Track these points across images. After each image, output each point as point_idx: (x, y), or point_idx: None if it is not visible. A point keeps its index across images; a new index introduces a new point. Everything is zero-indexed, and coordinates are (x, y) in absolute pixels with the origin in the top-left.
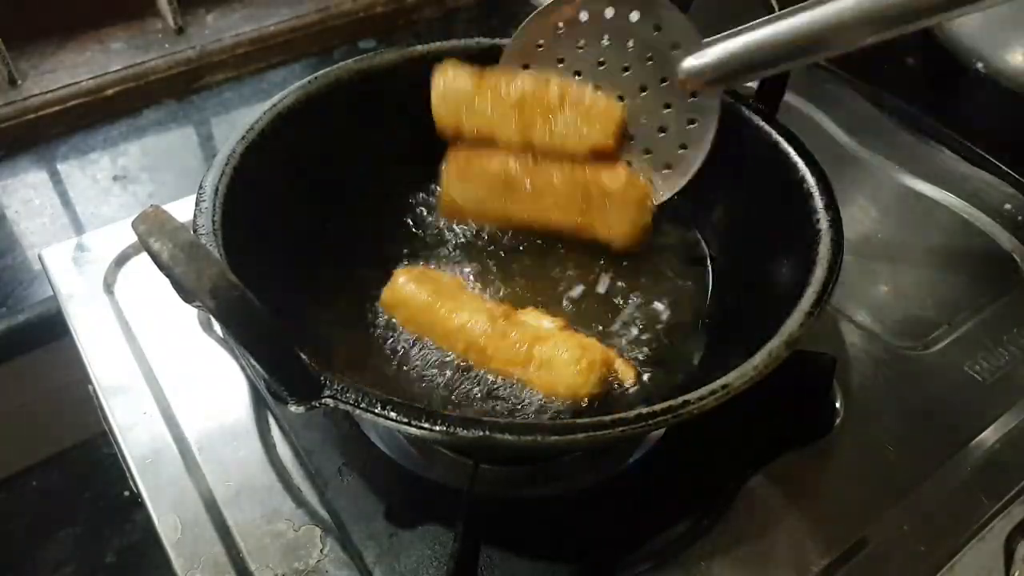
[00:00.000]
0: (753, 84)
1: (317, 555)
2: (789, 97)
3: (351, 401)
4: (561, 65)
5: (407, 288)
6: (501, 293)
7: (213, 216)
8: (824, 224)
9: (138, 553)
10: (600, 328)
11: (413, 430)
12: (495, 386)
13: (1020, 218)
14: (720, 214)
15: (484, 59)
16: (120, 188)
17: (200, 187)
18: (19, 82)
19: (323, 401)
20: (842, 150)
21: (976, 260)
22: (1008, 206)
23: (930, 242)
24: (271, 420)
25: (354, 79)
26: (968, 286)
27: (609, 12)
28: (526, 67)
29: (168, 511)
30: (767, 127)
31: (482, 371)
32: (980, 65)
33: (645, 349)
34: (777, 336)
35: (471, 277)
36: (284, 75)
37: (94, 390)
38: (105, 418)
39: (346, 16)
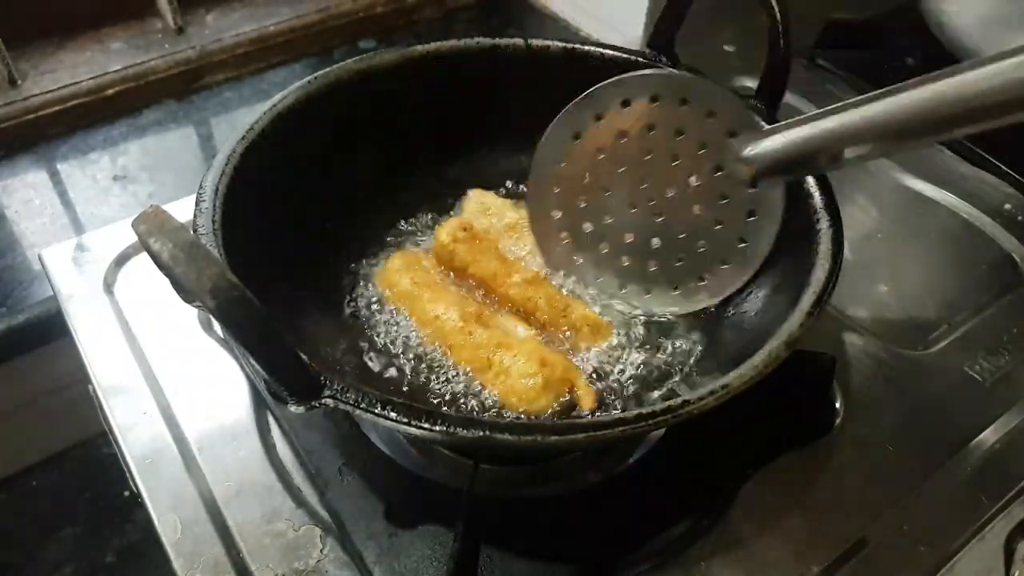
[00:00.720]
0: (753, 84)
1: (317, 555)
2: (789, 97)
3: (351, 401)
4: (602, 157)
5: (396, 273)
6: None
7: (213, 216)
8: (824, 224)
9: (138, 553)
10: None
11: (413, 430)
12: (457, 382)
13: (1020, 218)
14: None
15: (484, 59)
16: (120, 188)
17: (200, 187)
18: (19, 82)
19: (323, 401)
20: None
21: (976, 260)
22: (1008, 206)
23: (930, 242)
24: (271, 420)
25: (354, 79)
26: (968, 286)
27: (660, 101)
28: (576, 135)
29: (168, 511)
30: (766, 127)
31: (450, 364)
32: None
33: (645, 349)
34: (777, 336)
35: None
36: (284, 75)
37: (94, 390)
38: (105, 418)
39: (346, 16)
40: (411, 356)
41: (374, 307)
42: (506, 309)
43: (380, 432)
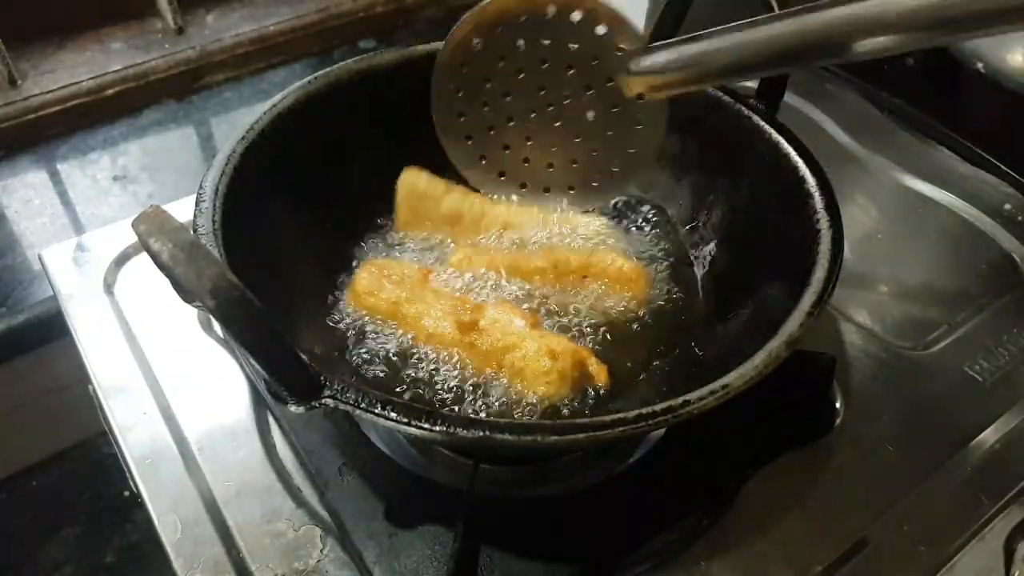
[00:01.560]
0: (753, 84)
1: (317, 555)
2: (789, 97)
3: (351, 401)
4: (502, 63)
5: (371, 295)
6: (489, 286)
7: (213, 216)
8: (824, 224)
9: (138, 553)
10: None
11: (413, 430)
12: (466, 381)
13: (1020, 218)
14: (720, 214)
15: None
16: (120, 188)
17: (200, 187)
18: (19, 82)
19: (323, 401)
20: (842, 150)
21: (976, 260)
22: (1008, 206)
23: (930, 242)
24: (271, 420)
25: (354, 79)
26: (968, 286)
27: (551, 10)
28: (463, 68)
29: (168, 511)
30: (767, 127)
31: (455, 363)
32: (980, 65)
33: (645, 349)
34: (777, 336)
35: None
36: (284, 75)
37: (94, 390)
38: (105, 418)
39: (346, 16)
40: (414, 357)
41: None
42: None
43: (380, 432)
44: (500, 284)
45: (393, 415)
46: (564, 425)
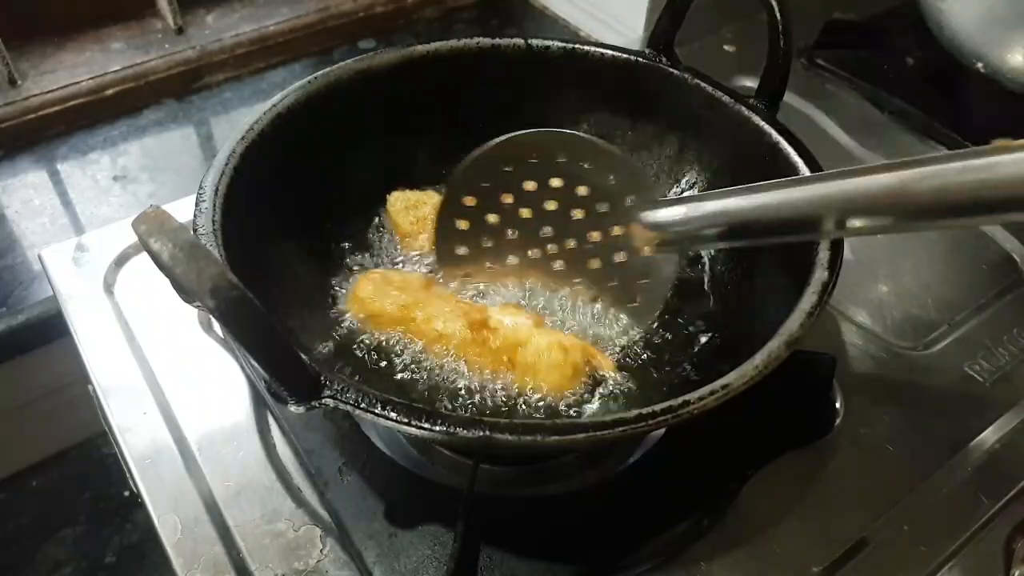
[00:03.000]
0: (753, 84)
1: (317, 555)
2: (789, 97)
3: (351, 401)
4: (509, 202)
5: (375, 301)
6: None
7: (213, 216)
8: None
9: (138, 553)
10: (598, 328)
11: (413, 430)
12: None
13: None
14: None
15: (484, 59)
16: (120, 188)
17: (200, 187)
18: (19, 82)
19: (323, 401)
20: (842, 150)
21: (976, 260)
22: None
23: (930, 242)
24: (271, 420)
25: (354, 79)
26: (968, 286)
27: (561, 157)
28: (471, 199)
29: (168, 511)
30: (767, 127)
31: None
32: (980, 65)
33: (644, 349)
34: (777, 336)
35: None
36: (284, 75)
37: (94, 390)
38: (105, 418)
39: (346, 16)
40: (422, 360)
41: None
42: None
43: (380, 432)
44: (502, 291)
45: (393, 415)
46: (564, 425)
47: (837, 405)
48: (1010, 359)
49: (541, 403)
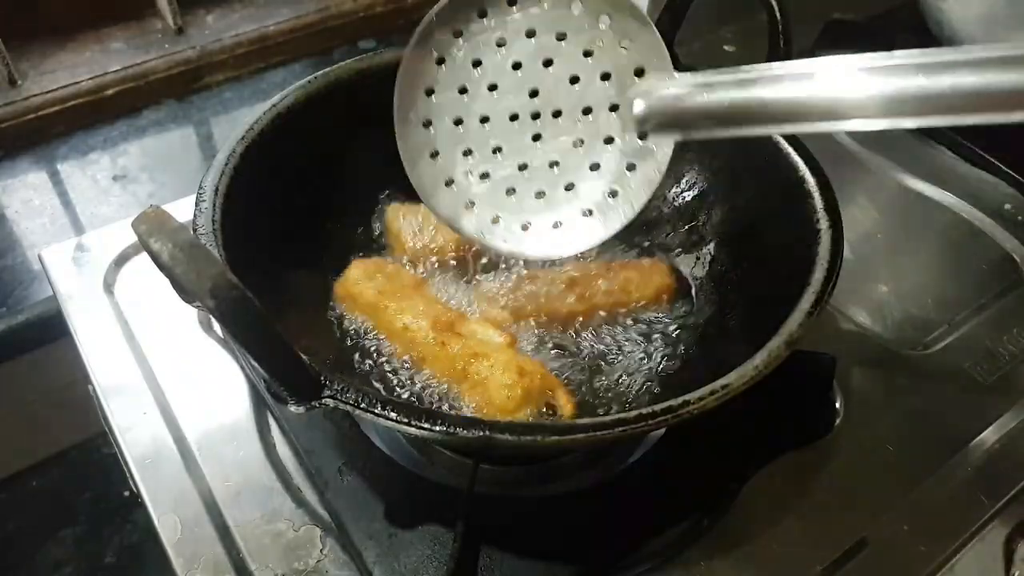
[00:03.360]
0: None
1: (317, 555)
2: None
3: (351, 401)
4: (501, 50)
5: (357, 284)
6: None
7: (213, 216)
8: (824, 224)
9: (138, 553)
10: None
11: (413, 430)
12: (432, 394)
13: (1020, 218)
14: (720, 214)
15: None
16: (120, 188)
17: (200, 187)
18: (19, 82)
19: (323, 401)
20: (842, 150)
21: (976, 260)
22: (1008, 206)
23: (930, 242)
24: (271, 420)
25: (354, 79)
26: (968, 286)
27: (576, 8)
28: (457, 34)
29: (168, 511)
30: None
31: (424, 375)
32: None
33: (644, 348)
34: (777, 336)
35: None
36: (284, 75)
37: (94, 390)
38: (105, 418)
39: (346, 16)
40: (386, 368)
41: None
42: (480, 313)
43: (380, 432)
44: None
45: (393, 415)
46: (564, 425)
47: (837, 405)
48: (1010, 359)
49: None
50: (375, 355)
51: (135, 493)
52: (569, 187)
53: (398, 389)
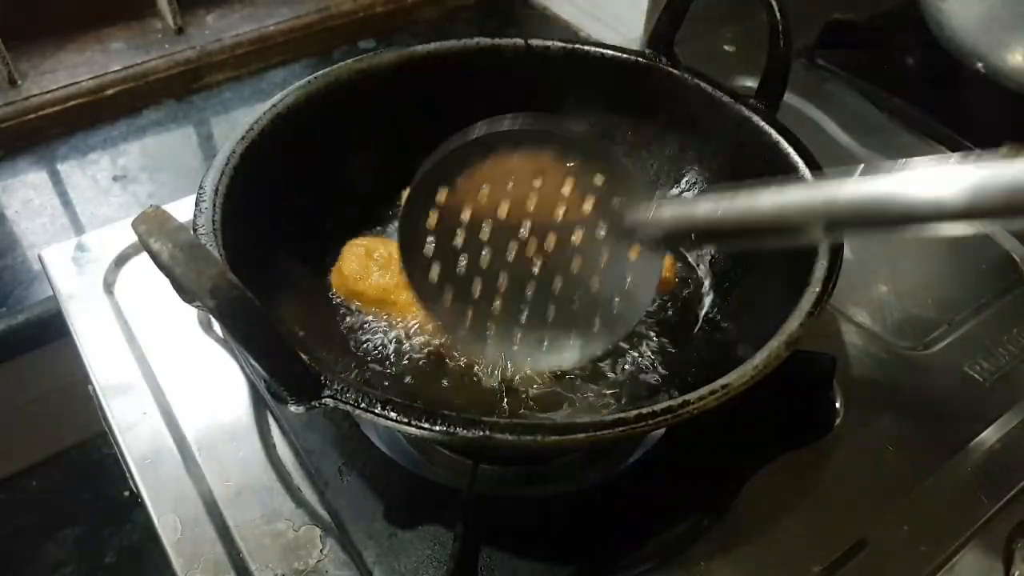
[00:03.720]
0: (753, 83)
1: (317, 555)
2: (789, 97)
3: (351, 401)
4: (485, 189)
5: (362, 278)
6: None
7: (213, 216)
8: None
9: (138, 553)
10: None
11: (413, 430)
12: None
13: None
14: None
15: (484, 59)
16: (120, 188)
17: (200, 187)
18: (19, 82)
19: (323, 401)
20: (842, 150)
21: (976, 260)
22: None
23: (930, 242)
24: (271, 420)
25: (354, 79)
26: (968, 286)
27: (544, 154)
28: (447, 185)
29: (168, 511)
30: (767, 127)
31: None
32: (980, 65)
33: (644, 348)
34: (777, 336)
35: None
36: (284, 75)
37: (94, 390)
38: (105, 418)
39: (346, 16)
40: (418, 349)
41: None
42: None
43: (380, 432)
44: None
45: (393, 415)
46: (564, 425)
47: (837, 405)
48: (1010, 359)
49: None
50: (381, 333)
51: (135, 493)
52: (572, 302)
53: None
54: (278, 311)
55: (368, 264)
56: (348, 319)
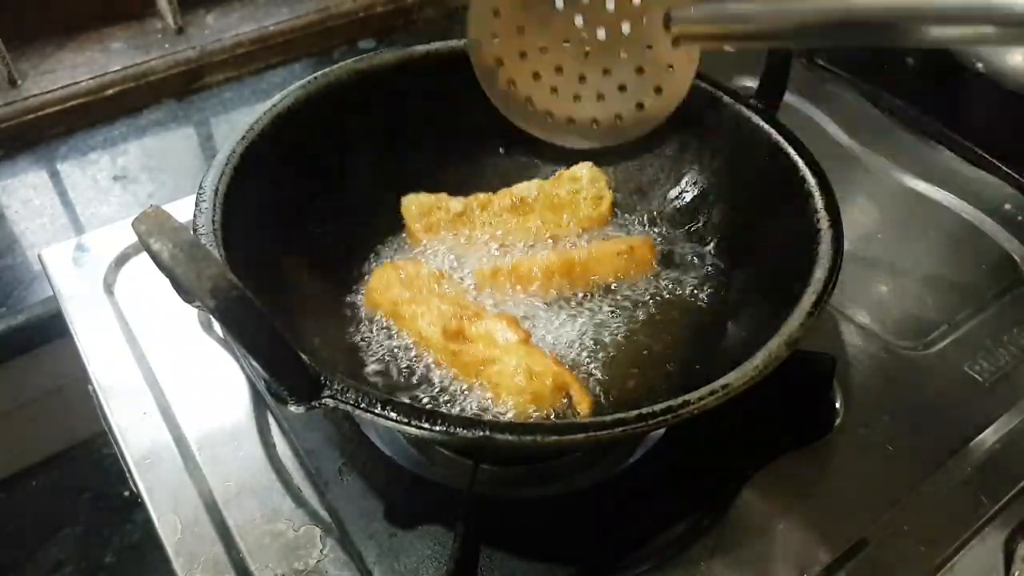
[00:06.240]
0: (753, 83)
1: (317, 555)
2: (789, 97)
3: (351, 401)
4: None
5: (377, 293)
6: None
7: (213, 216)
8: (824, 224)
9: (138, 553)
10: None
11: (413, 430)
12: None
13: (1020, 218)
14: (720, 214)
15: None
16: (120, 188)
17: (200, 187)
18: (19, 82)
19: (323, 401)
20: (842, 150)
21: (976, 260)
22: (1008, 206)
23: (930, 242)
24: (271, 420)
25: (354, 79)
26: (968, 286)
27: None
28: None
29: (168, 511)
30: (767, 127)
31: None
32: (980, 65)
33: (645, 348)
34: (777, 336)
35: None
36: (284, 75)
37: (94, 390)
38: (105, 418)
39: (346, 16)
40: (403, 365)
41: (365, 310)
42: (492, 306)
43: (380, 432)
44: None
45: (393, 415)
46: (564, 425)
47: (837, 405)
48: (1010, 359)
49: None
50: (375, 351)
51: (135, 493)
52: (618, 85)
53: (422, 397)
54: (277, 310)
55: (391, 280)
56: (347, 318)
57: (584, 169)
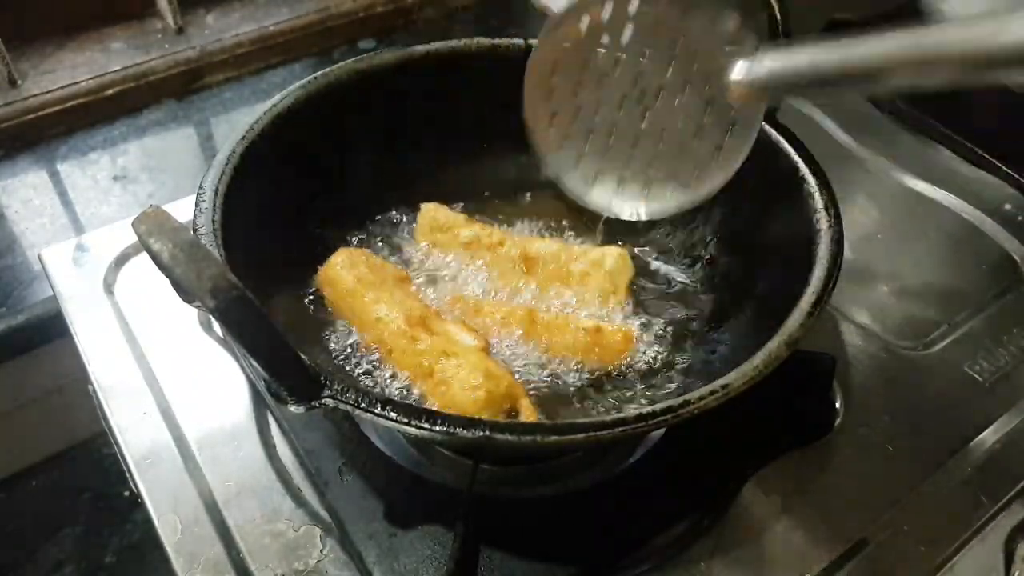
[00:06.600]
0: None
1: (317, 555)
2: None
3: (351, 401)
4: (602, 51)
5: (340, 270)
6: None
7: (213, 216)
8: (824, 224)
9: (138, 553)
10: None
11: (413, 430)
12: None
13: (1020, 218)
14: (720, 214)
15: (484, 59)
16: (120, 188)
17: (200, 187)
18: (19, 82)
19: (323, 401)
20: (842, 150)
21: (976, 260)
22: (1008, 206)
23: (930, 242)
24: (271, 420)
25: (354, 79)
26: (968, 286)
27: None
28: (565, 46)
29: (168, 511)
30: (767, 127)
31: (393, 369)
32: None
33: (645, 349)
34: (777, 336)
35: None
36: (284, 75)
37: (94, 390)
38: (105, 418)
39: (346, 16)
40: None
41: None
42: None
43: (380, 432)
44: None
45: (393, 415)
46: (564, 425)
47: (837, 405)
48: (1010, 359)
49: None
50: (346, 347)
51: (135, 493)
52: (679, 149)
53: (362, 379)
54: (278, 310)
55: (356, 263)
56: (321, 309)
57: (611, 259)
